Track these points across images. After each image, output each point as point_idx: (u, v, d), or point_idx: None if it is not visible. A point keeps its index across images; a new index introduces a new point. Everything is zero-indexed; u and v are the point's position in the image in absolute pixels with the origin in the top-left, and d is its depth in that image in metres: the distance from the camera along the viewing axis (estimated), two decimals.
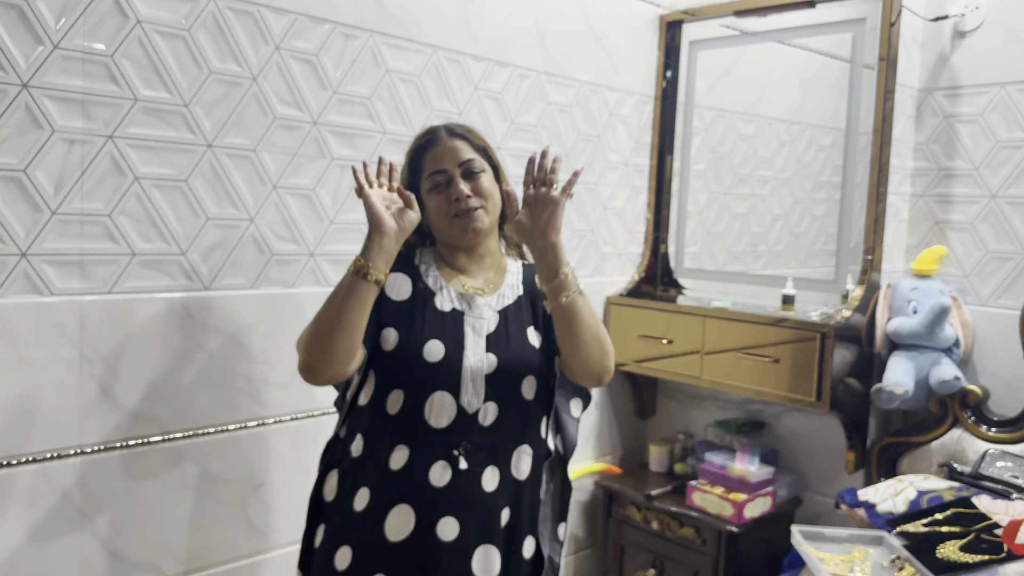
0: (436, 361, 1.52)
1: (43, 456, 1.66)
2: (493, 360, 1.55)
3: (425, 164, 1.61)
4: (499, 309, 1.61)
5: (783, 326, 2.40)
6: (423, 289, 1.59)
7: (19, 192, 1.59)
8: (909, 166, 2.61)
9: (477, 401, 1.54)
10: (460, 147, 1.60)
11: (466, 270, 1.65)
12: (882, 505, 2.13)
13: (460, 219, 1.57)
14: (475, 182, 1.59)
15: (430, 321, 1.56)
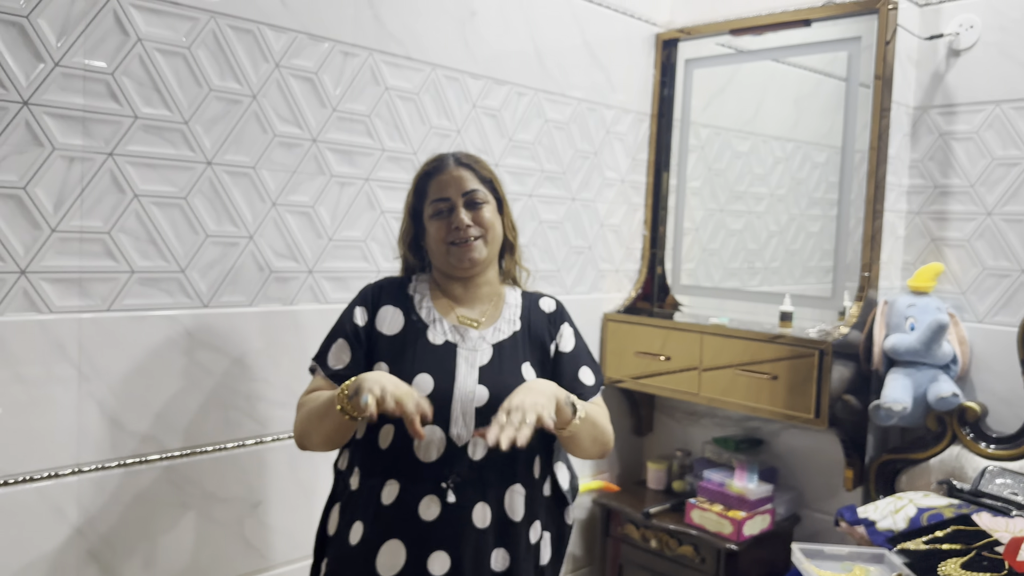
0: (425, 395, 1.47)
1: (40, 475, 1.65)
2: (484, 392, 1.53)
3: (430, 190, 1.62)
4: (494, 343, 1.60)
5: (781, 343, 2.40)
6: (416, 322, 1.59)
7: (19, 209, 1.58)
8: (905, 183, 2.62)
9: (466, 434, 1.51)
10: (465, 177, 1.61)
11: (462, 300, 1.64)
12: (882, 523, 2.13)
13: (458, 248, 1.58)
14: (477, 212, 1.60)
15: (421, 355, 1.54)
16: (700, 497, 2.59)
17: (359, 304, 1.61)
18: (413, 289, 1.65)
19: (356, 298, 1.64)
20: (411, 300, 1.62)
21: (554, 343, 1.67)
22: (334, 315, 2.06)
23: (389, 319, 1.59)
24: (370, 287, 1.65)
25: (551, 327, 1.68)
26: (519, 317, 1.65)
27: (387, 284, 1.66)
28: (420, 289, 1.65)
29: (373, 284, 1.66)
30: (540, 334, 1.66)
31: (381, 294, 1.63)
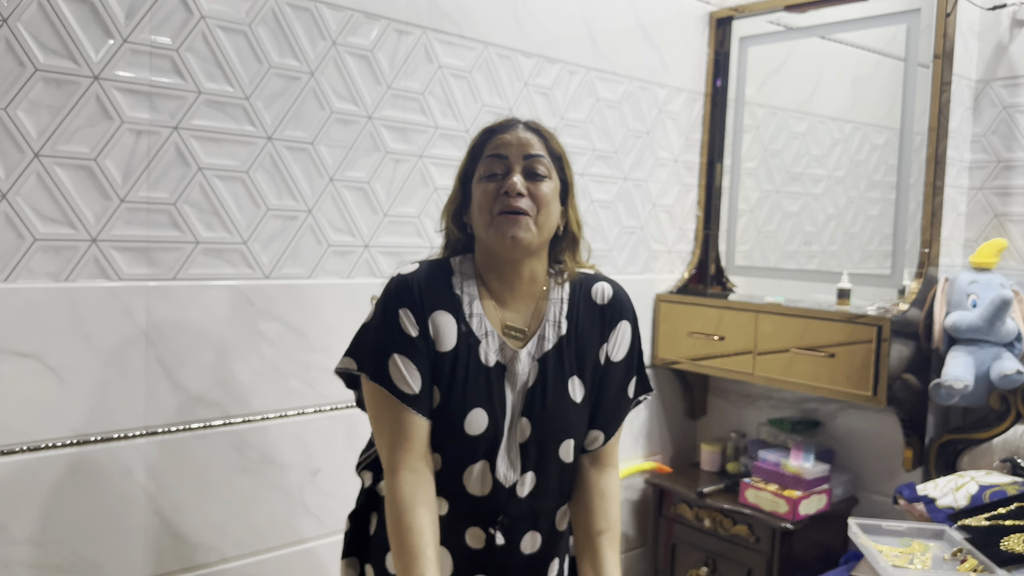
0: (478, 434, 1.32)
1: (110, 436, 1.72)
2: (527, 427, 1.35)
3: (487, 149, 1.37)
4: (539, 357, 1.37)
5: (839, 320, 2.37)
6: (467, 334, 1.34)
7: (90, 180, 1.66)
8: (967, 158, 2.56)
9: (513, 475, 1.35)
10: (532, 141, 1.36)
11: (501, 296, 1.39)
12: (942, 500, 2.09)
13: (503, 218, 1.31)
14: (535, 184, 1.33)
15: (473, 381, 1.32)
16: (755, 477, 2.57)
17: (403, 306, 1.31)
18: (459, 283, 1.37)
19: (393, 297, 1.33)
20: (460, 302, 1.35)
21: (603, 349, 1.42)
22: None
23: (444, 331, 1.33)
24: (410, 283, 1.33)
25: (603, 325, 1.42)
26: (565, 316, 1.40)
27: (428, 279, 1.35)
28: (466, 285, 1.38)
29: (410, 278, 1.34)
30: (589, 336, 1.41)
31: (427, 295, 1.33)
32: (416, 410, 1.29)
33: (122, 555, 1.75)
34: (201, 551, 1.86)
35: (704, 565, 2.61)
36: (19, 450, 1.61)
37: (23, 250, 1.59)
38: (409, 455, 1.29)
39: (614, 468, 1.45)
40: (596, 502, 1.41)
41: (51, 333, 1.63)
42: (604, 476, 1.43)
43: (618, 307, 1.44)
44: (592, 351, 1.41)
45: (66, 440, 1.67)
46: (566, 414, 1.37)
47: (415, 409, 1.29)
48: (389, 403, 1.29)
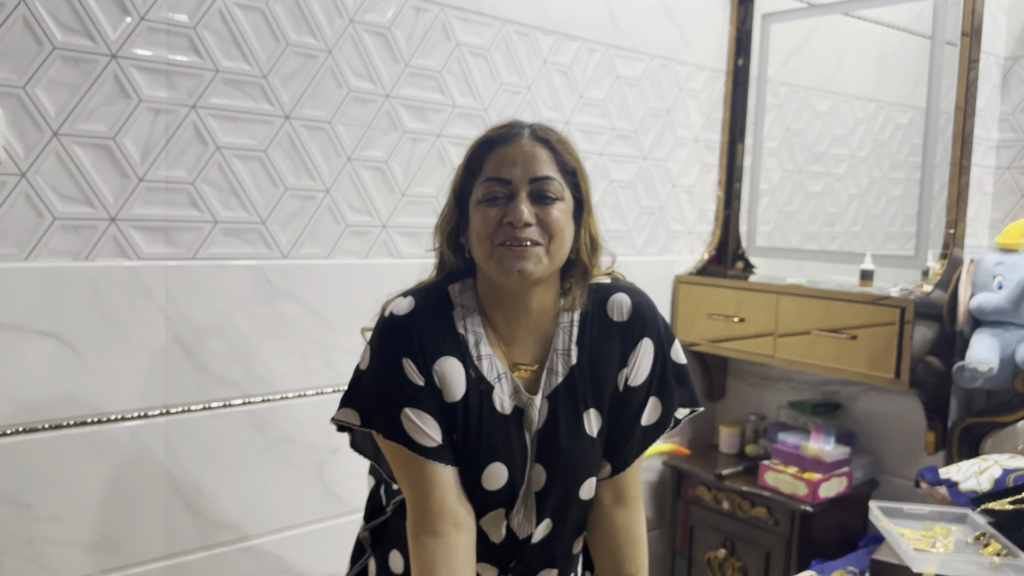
0: (496, 489, 1.21)
1: (131, 415, 1.73)
2: (541, 474, 1.22)
3: (487, 164, 1.18)
4: (548, 394, 1.22)
5: (861, 302, 2.34)
6: (477, 380, 1.19)
7: (108, 159, 1.65)
8: (994, 137, 2.52)
9: (529, 526, 1.25)
10: (540, 157, 1.17)
11: (511, 337, 1.23)
12: (965, 484, 2.06)
13: (505, 251, 1.14)
14: (544, 210, 1.16)
15: (488, 432, 1.19)
16: (775, 459, 2.56)
17: (404, 355, 1.17)
18: (462, 320, 1.21)
19: (390, 344, 1.18)
20: (465, 344, 1.20)
21: (624, 372, 1.25)
22: (408, 270, 2.12)
23: (451, 379, 1.18)
24: (407, 327, 1.18)
25: (624, 346, 1.25)
26: (575, 342, 1.23)
27: (426, 319, 1.19)
28: (470, 321, 1.22)
29: (405, 320, 1.18)
30: (605, 362, 1.24)
31: (428, 341, 1.17)
32: (440, 461, 1.16)
33: (143, 533, 1.77)
34: (221, 529, 1.88)
35: (722, 547, 2.61)
36: (40, 428, 1.62)
37: (43, 229, 1.59)
38: (430, 517, 1.16)
39: (638, 503, 1.31)
40: (623, 546, 1.28)
41: (71, 312, 1.64)
42: (627, 515, 1.29)
43: (639, 323, 1.25)
44: (610, 378, 1.24)
45: (86, 418, 1.67)
46: (584, 454, 1.23)
47: (439, 460, 1.16)
48: (410, 459, 1.17)
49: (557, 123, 2.37)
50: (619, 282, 1.29)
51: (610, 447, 1.27)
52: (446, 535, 1.16)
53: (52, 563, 1.66)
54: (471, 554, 1.19)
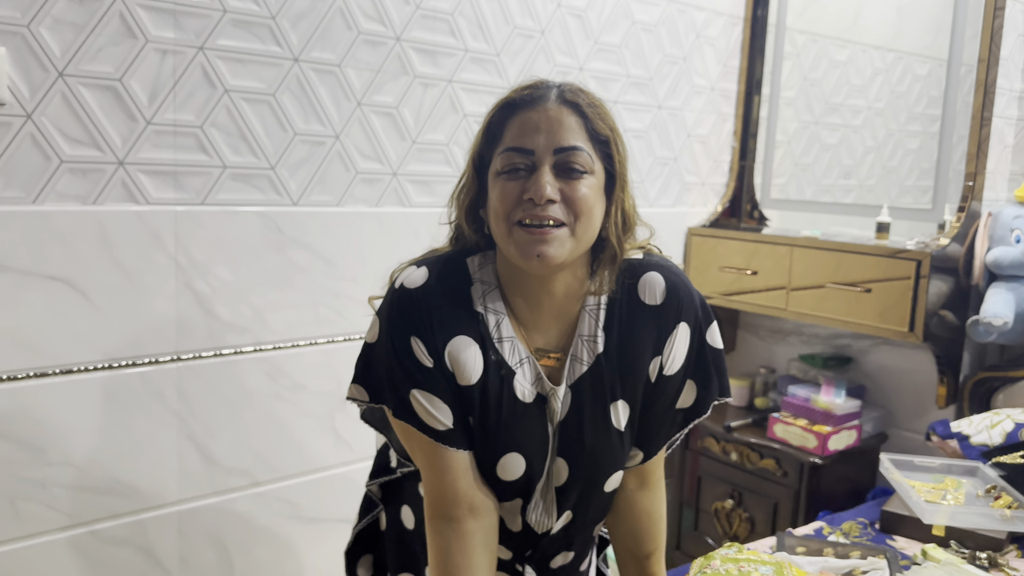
0: (512, 480, 1.13)
1: (142, 360, 1.73)
2: (563, 469, 1.14)
3: (507, 132, 1.06)
4: (571, 383, 1.13)
5: (877, 255, 2.31)
6: (497, 364, 1.10)
7: (115, 101, 1.62)
8: (1017, 88, 2.46)
9: (548, 520, 1.18)
10: (568, 124, 1.04)
11: (533, 322, 1.13)
12: (976, 437, 2.06)
13: (524, 232, 1.03)
14: (571, 184, 1.03)
15: (508, 421, 1.10)
16: (784, 412, 2.55)
17: (412, 334, 1.07)
18: (480, 297, 1.11)
19: (399, 321, 1.08)
20: (483, 323, 1.10)
21: (656, 362, 1.14)
22: (420, 219, 2.10)
23: (465, 363, 1.08)
24: (417, 303, 1.07)
25: (658, 332, 1.13)
26: (602, 327, 1.12)
27: (439, 296, 1.08)
28: (489, 299, 1.11)
29: (416, 295, 1.08)
30: (636, 350, 1.13)
31: (440, 321, 1.07)
32: (453, 445, 1.09)
33: (156, 478, 1.78)
34: (234, 475, 1.88)
35: (729, 498, 2.62)
36: (51, 373, 1.62)
37: (50, 172, 1.57)
38: (444, 502, 1.10)
39: (660, 484, 1.26)
40: (644, 527, 1.24)
41: (80, 257, 1.62)
42: (650, 497, 1.24)
43: (675, 307, 1.13)
44: (641, 367, 1.13)
45: (98, 364, 1.67)
46: (610, 448, 1.14)
47: (451, 444, 1.09)
48: (422, 441, 1.10)
49: (571, 70, 2.33)
50: (651, 258, 1.16)
51: (642, 435, 1.18)
52: (461, 521, 1.10)
53: (65, 507, 1.67)
54: (489, 539, 1.12)
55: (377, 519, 1.39)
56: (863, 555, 1.58)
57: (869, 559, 1.54)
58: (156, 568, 1.80)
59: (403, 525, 1.32)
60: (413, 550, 1.30)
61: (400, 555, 1.33)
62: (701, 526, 2.71)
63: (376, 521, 1.40)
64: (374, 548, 1.42)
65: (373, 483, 1.36)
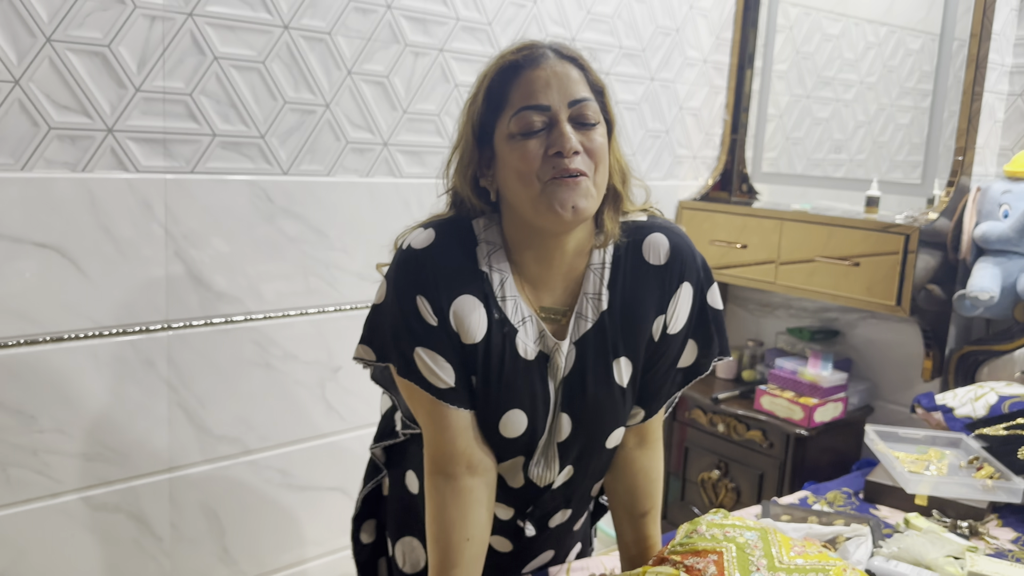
0: (515, 437, 1.15)
1: (132, 329, 1.73)
2: (566, 424, 1.16)
3: (513, 94, 1.06)
4: (576, 340, 1.14)
5: (866, 228, 2.32)
6: (500, 323, 1.11)
7: (104, 67, 1.61)
8: (1008, 63, 2.46)
9: (550, 475, 1.20)
10: (573, 77, 1.06)
11: (541, 279, 1.14)
12: (960, 409, 2.08)
13: (558, 186, 1.03)
14: (587, 135, 1.05)
15: (510, 377, 1.12)
16: (771, 384, 2.58)
17: (418, 292, 1.09)
18: (485, 257, 1.12)
19: (404, 280, 1.10)
20: (488, 282, 1.11)
21: (659, 321, 1.16)
22: (410, 190, 2.09)
23: (468, 321, 1.10)
24: (422, 262, 1.10)
25: (661, 291, 1.15)
26: (607, 285, 1.14)
27: (444, 255, 1.10)
28: (495, 259, 1.12)
29: (422, 255, 1.10)
30: (639, 308, 1.14)
31: (444, 279, 1.09)
32: (454, 403, 1.11)
33: (147, 445, 1.78)
34: (225, 443, 1.89)
35: (716, 468, 2.65)
36: (41, 340, 1.62)
37: (39, 138, 1.56)
38: (442, 458, 1.13)
39: (659, 444, 1.28)
40: (641, 484, 1.26)
41: (70, 224, 1.61)
42: (648, 455, 1.27)
43: (678, 266, 1.15)
44: (644, 325, 1.15)
45: (88, 331, 1.67)
46: (613, 404, 1.16)
47: (452, 403, 1.11)
48: (424, 399, 1.12)
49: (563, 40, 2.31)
50: (656, 220, 1.18)
51: (644, 394, 1.21)
52: (458, 477, 1.12)
53: (57, 473, 1.68)
54: (486, 496, 1.15)
55: (380, 484, 1.42)
56: (846, 523, 1.60)
57: (852, 526, 1.56)
58: (147, 535, 1.82)
59: (407, 490, 1.34)
60: (417, 513, 1.31)
61: (404, 518, 1.36)
62: (688, 496, 2.74)
63: (379, 486, 1.42)
64: (376, 512, 1.45)
65: (377, 446, 1.39)
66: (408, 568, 1.37)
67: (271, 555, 2.02)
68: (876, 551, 1.50)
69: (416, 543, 1.35)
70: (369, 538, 1.45)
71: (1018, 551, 1.59)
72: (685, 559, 1.20)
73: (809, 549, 1.24)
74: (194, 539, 1.89)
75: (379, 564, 1.47)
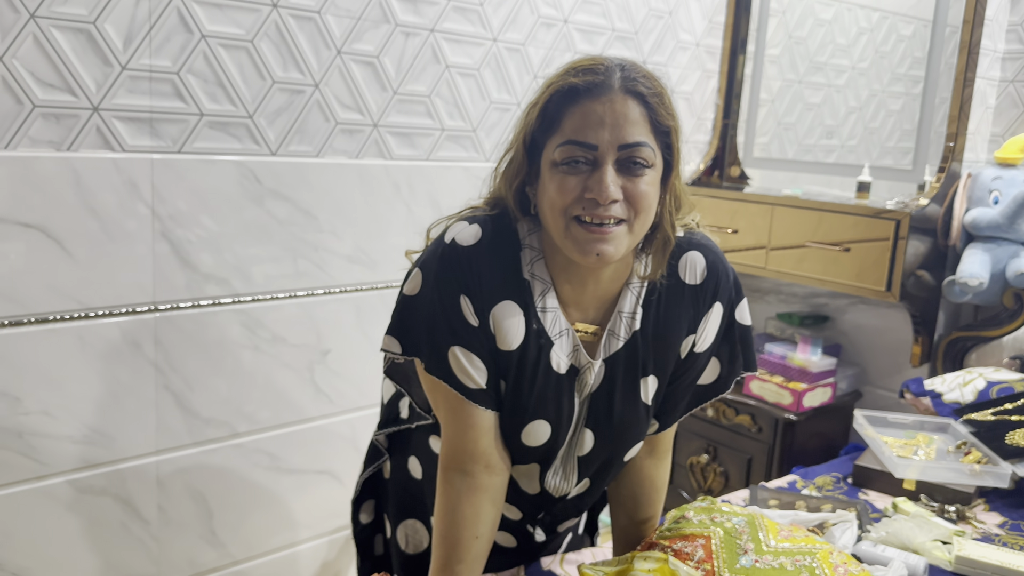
0: (536, 446, 1.15)
1: (119, 311, 1.71)
2: (589, 440, 1.16)
3: (567, 120, 1.01)
4: (605, 357, 1.13)
5: (857, 214, 2.32)
6: (537, 333, 1.09)
7: (89, 45, 1.58)
8: (1000, 49, 2.46)
9: (566, 486, 1.21)
10: (632, 117, 0.99)
11: (574, 299, 1.12)
12: (949, 395, 2.09)
13: (583, 231, 1.00)
14: (632, 182, 1.00)
15: (541, 389, 1.10)
16: (760, 369, 2.58)
17: (463, 292, 1.07)
18: (528, 264, 1.09)
19: (449, 277, 1.07)
20: (529, 292, 1.09)
21: (691, 338, 1.15)
22: (400, 172, 2.08)
23: (507, 328, 1.08)
24: (471, 262, 1.07)
25: (694, 311, 1.14)
26: (641, 304, 1.12)
27: (491, 257, 1.07)
28: (537, 267, 1.09)
29: (470, 253, 1.07)
30: (672, 327, 1.13)
31: (490, 282, 1.07)
32: (481, 404, 1.10)
33: (134, 428, 1.77)
34: (212, 426, 1.88)
35: (705, 452, 2.66)
36: (26, 321, 1.60)
37: (23, 116, 1.54)
38: (461, 456, 1.11)
39: (668, 454, 1.29)
40: (646, 492, 1.28)
41: (55, 204, 1.59)
42: (657, 465, 1.27)
43: (712, 286, 1.14)
44: (675, 344, 1.14)
45: (74, 313, 1.65)
46: (637, 422, 1.16)
47: (480, 403, 1.10)
48: (450, 396, 1.10)
49: (555, 22, 2.29)
50: (693, 236, 1.15)
51: (663, 408, 1.20)
52: (476, 475, 1.11)
53: (43, 456, 1.67)
54: (499, 496, 1.15)
55: (382, 468, 1.42)
56: (833, 508, 1.61)
57: (838, 512, 1.57)
58: (134, 518, 1.81)
59: (410, 474, 1.35)
60: (420, 498, 1.32)
61: (405, 502, 1.36)
62: (676, 480, 2.75)
63: (379, 469, 1.43)
64: (375, 494, 1.46)
65: (381, 433, 1.38)
66: (411, 550, 1.38)
67: (259, 538, 2.02)
68: (864, 535, 1.51)
69: (419, 525, 1.36)
70: (368, 518, 1.47)
71: (1005, 535, 1.60)
72: (673, 543, 1.21)
73: (796, 534, 1.24)
74: (182, 523, 1.88)
75: (375, 540, 1.49)
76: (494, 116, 2.22)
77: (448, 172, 2.17)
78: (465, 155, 2.19)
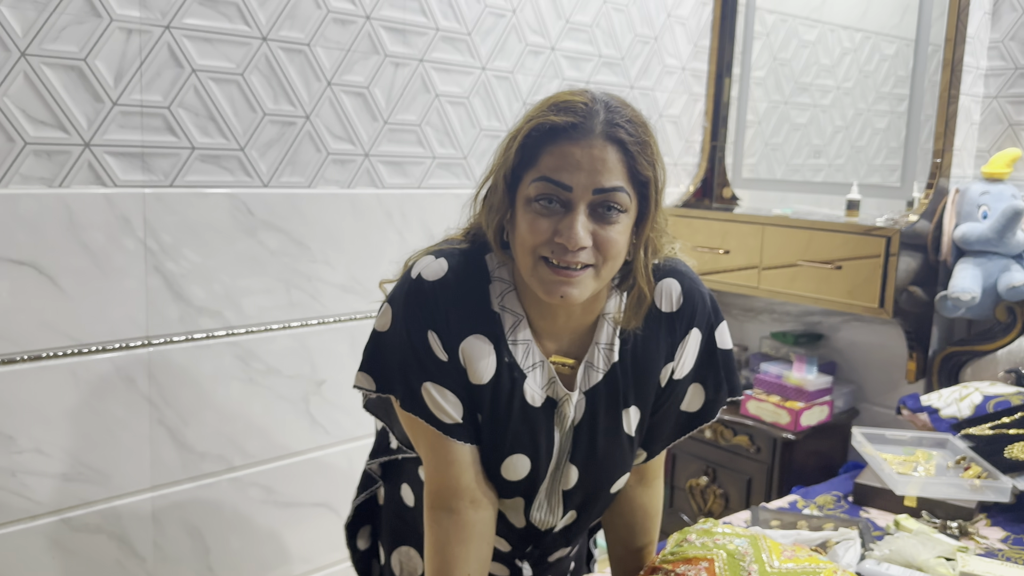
0: (517, 480, 1.13)
1: (112, 346, 1.70)
2: (573, 474, 1.15)
3: (543, 159, 1.00)
4: (586, 390, 1.12)
5: (847, 232, 2.34)
6: (510, 367, 1.08)
7: (80, 81, 1.59)
8: (983, 65, 2.49)
9: (552, 519, 1.19)
10: (610, 164, 0.98)
11: (546, 331, 1.11)
12: (946, 410, 2.09)
13: (549, 272, 1.00)
14: (604, 228, 0.99)
15: (516, 423, 1.09)
16: (757, 389, 2.58)
17: (429, 328, 1.06)
18: (498, 296, 1.09)
19: (416, 314, 1.06)
20: (499, 325, 1.08)
21: (670, 366, 1.15)
22: (392, 201, 2.08)
23: (477, 362, 1.07)
24: (436, 298, 1.06)
25: (671, 339, 1.13)
26: (617, 335, 1.12)
27: (457, 292, 1.07)
28: (507, 299, 1.09)
29: (435, 288, 1.06)
30: (650, 356, 1.13)
31: (456, 318, 1.06)
32: (459, 439, 1.09)
33: (129, 464, 1.75)
34: (207, 460, 1.87)
35: (704, 474, 2.64)
36: (19, 359, 1.59)
37: (14, 154, 1.54)
38: (445, 493, 1.10)
39: (659, 481, 1.28)
40: (639, 520, 1.27)
41: (47, 240, 1.59)
42: (648, 493, 1.27)
43: (688, 313, 1.13)
44: (654, 374, 1.13)
45: (67, 349, 1.64)
46: (621, 454, 1.15)
47: (458, 438, 1.08)
48: (428, 432, 1.09)
49: (543, 49, 2.31)
50: (668, 263, 1.13)
51: (648, 437, 1.20)
52: (462, 512, 1.10)
53: (37, 495, 1.65)
54: (488, 531, 1.13)
55: (375, 495, 1.41)
56: (835, 526, 1.60)
57: (840, 530, 1.56)
58: (130, 556, 1.78)
59: (403, 502, 1.34)
60: (413, 526, 1.31)
61: (399, 529, 1.35)
62: (676, 503, 2.74)
63: (374, 495, 1.42)
64: (371, 520, 1.44)
65: (373, 462, 1.37)
66: None
67: (257, 573, 1.99)
68: (867, 554, 1.50)
69: (413, 552, 1.34)
70: (365, 544, 1.46)
71: (1008, 550, 1.60)
72: (676, 567, 1.20)
73: (799, 553, 1.23)
74: (178, 559, 1.86)
75: (372, 566, 1.48)
76: (484, 143, 2.24)
77: (440, 199, 2.17)
78: (456, 182, 2.20)
